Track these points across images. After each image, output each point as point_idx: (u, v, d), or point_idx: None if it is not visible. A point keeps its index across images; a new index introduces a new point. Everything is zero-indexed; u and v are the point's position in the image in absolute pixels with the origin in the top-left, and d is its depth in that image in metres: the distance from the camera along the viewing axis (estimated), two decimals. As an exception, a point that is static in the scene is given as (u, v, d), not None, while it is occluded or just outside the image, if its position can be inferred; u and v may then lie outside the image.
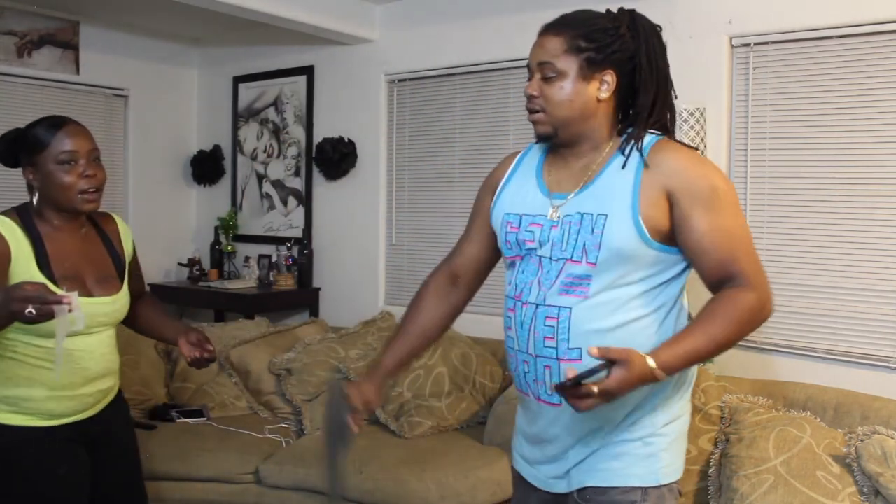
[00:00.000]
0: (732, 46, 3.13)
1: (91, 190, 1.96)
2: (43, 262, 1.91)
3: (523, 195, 1.66)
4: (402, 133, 4.12)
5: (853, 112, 2.89)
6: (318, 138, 4.40)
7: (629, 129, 1.58)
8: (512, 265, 1.66)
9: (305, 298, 4.41)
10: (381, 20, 4.15)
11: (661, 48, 1.61)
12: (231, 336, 3.74)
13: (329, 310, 4.37)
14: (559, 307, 1.53)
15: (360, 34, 4.10)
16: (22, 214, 1.96)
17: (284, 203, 4.61)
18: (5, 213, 1.95)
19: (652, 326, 1.53)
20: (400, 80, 4.12)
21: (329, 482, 1.76)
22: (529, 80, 1.60)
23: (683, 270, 1.57)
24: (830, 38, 2.91)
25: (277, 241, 4.60)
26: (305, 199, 4.50)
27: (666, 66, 1.62)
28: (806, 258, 2.99)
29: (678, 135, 3.05)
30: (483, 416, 3.30)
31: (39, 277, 1.88)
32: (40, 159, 1.94)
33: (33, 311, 1.56)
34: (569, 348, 1.52)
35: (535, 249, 1.60)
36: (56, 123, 1.96)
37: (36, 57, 4.20)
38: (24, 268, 1.88)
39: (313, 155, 4.41)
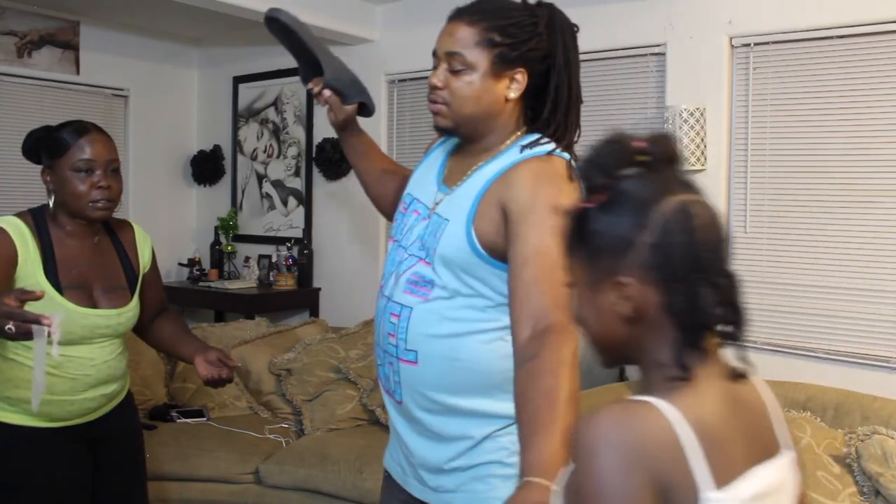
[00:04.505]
0: (732, 46, 3.13)
1: (103, 200, 1.94)
2: (50, 269, 1.89)
3: (424, 178, 1.62)
4: (403, 133, 4.12)
5: (854, 112, 2.88)
6: (318, 138, 4.40)
7: (527, 137, 1.49)
8: (388, 250, 1.61)
9: (305, 298, 4.41)
10: (381, 20, 4.15)
11: (577, 53, 1.49)
12: (231, 336, 3.75)
13: (329, 310, 4.36)
14: (402, 305, 1.48)
15: (360, 34, 4.10)
16: (36, 217, 1.94)
17: (284, 203, 4.61)
18: (20, 215, 1.93)
19: (496, 343, 1.44)
20: (400, 80, 4.12)
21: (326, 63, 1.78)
22: (434, 69, 1.49)
23: None
24: (830, 38, 2.91)
25: (277, 241, 4.60)
26: (305, 199, 4.50)
27: (578, 73, 1.50)
28: (806, 258, 2.99)
29: (678, 135, 3.06)
30: (483, 416, 3.29)
31: (45, 284, 1.87)
32: (58, 163, 1.93)
33: (13, 329, 1.50)
34: (406, 349, 1.47)
35: (402, 237, 1.56)
36: (80, 129, 1.94)
37: (36, 57, 4.20)
38: (31, 272, 1.87)
39: (313, 155, 4.41)
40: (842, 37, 2.89)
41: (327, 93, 1.76)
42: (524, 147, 1.47)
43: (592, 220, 0.95)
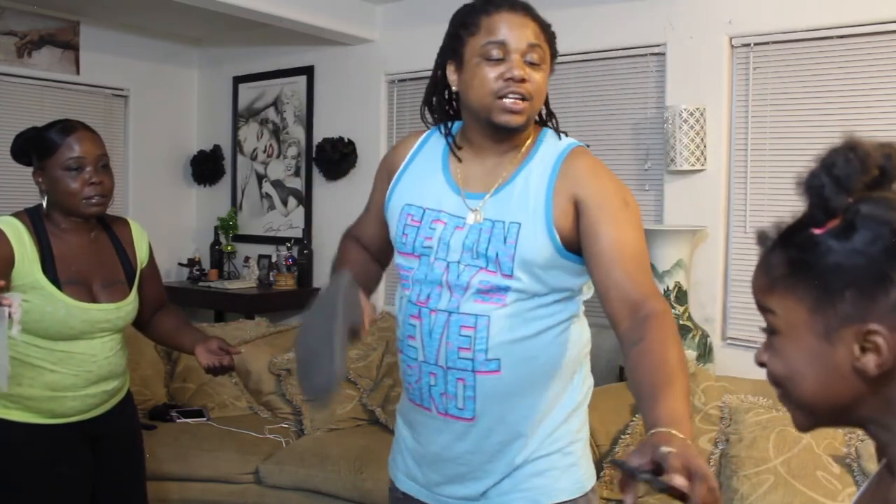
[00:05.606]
0: (732, 46, 3.13)
1: (97, 196, 1.95)
2: (48, 266, 1.91)
3: (426, 186, 1.52)
4: (402, 133, 4.12)
5: (854, 112, 2.89)
6: (317, 138, 4.41)
7: (546, 130, 1.52)
8: (408, 266, 1.51)
9: (305, 298, 4.36)
10: (381, 20, 4.15)
11: None
12: (231, 336, 3.74)
13: (329, 310, 4.36)
14: (476, 315, 1.43)
15: (360, 34, 4.10)
16: (32, 216, 1.96)
17: (284, 203, 4.61)
18: (16, 215, 1.95)
19: (562, 335, 1.48)
20: (400, 80, 4.12)
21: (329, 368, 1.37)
22: (500, 60, 1.41)
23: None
24: (830, 38, 2.91)
25: (277, 241, 4.60)
26: (305, 199, 4.50)
27: None
28: (806, 258, 2.99)
29: (678, 135, 3.07)
30: (483, 416, 3.29)
31: (44, 281, 1.89)
32: (49, 164, 1.94)
33: None
34: (487, 359, 1.43)
35: (434, 250, 1.47)
36: (67, 128, 1.96)
37: (36, 57, 4.20)
38: (29, 271, 1.88)
39: (313, 155, 4.41)
40: (842, 37, 2.89)
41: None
42: (558, 136, 1.50)
43: (826, 252, 0.77)
